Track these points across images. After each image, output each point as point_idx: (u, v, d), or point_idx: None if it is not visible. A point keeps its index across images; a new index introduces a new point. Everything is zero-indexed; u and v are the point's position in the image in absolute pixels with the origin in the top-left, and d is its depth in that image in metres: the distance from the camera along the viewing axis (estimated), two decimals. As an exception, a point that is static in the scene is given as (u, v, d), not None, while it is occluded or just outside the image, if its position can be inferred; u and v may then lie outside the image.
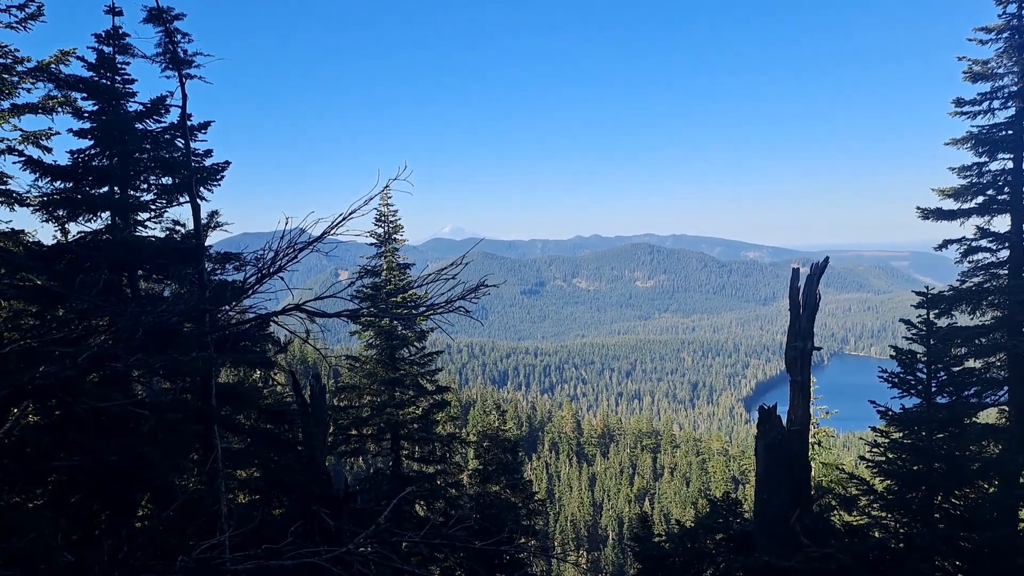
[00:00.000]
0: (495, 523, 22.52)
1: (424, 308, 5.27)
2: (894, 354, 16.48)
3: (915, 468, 15.45)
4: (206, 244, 13.27)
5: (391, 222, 24.17)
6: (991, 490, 16.31)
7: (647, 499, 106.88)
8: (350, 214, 4.76)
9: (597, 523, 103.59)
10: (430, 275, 5.21)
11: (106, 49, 13.65)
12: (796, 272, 15.09)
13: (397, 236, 24.31)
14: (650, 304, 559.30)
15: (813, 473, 21.56)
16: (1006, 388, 17.31)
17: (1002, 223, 17.58)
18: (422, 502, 23.43)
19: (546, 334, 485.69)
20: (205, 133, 13.86)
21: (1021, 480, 16.59)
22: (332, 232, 4.81)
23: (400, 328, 23.83)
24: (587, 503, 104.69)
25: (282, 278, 5.03)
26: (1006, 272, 17.49)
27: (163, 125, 14.02)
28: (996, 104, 17.40)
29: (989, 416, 18.33)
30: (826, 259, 14.87)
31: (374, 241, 24.09)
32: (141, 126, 13.86)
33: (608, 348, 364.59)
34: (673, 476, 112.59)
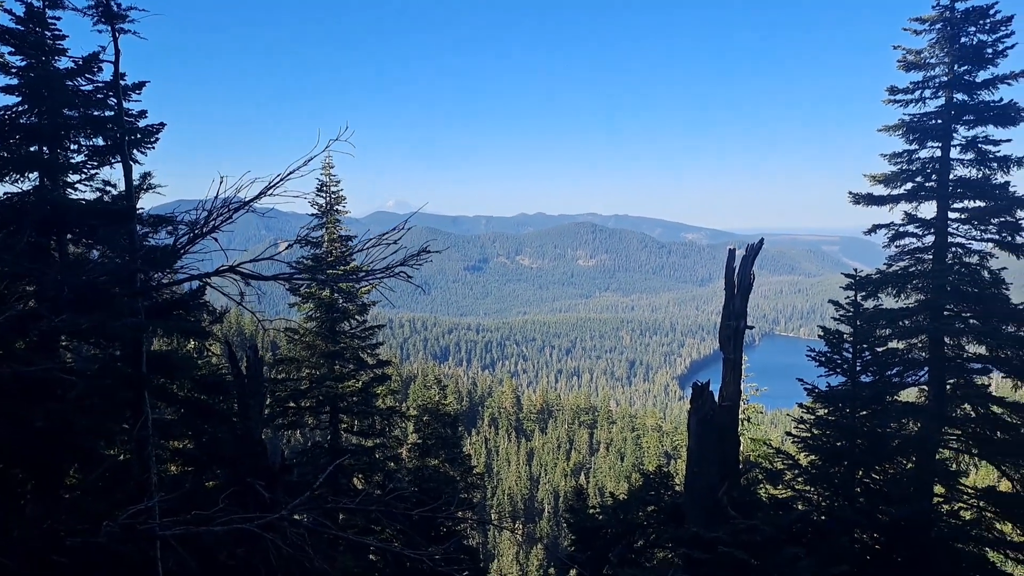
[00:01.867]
0: (433, 496, 22.62)
1: (364, 273, 5.20)
2: (822, 334, 17.03)
3: (838, 444, 16.04)
4: (138, 207, 12.85)
5: (333, 193, 23.79)
6: (909, 466, 17.06)
7: (583, 473, 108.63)
8: (288, 175, 4.65)
9: (534, 496, 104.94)
10: (371, 239, 5.14)
11: (35, 2, 13.00)
12: (732, 253, 15.40)
13: (339, 207, 23.95)
14: (591, 283, 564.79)
15: (742, 448, 22.23)
16: (926, 368, 18.03)
17: (929, 209, 18.23)
18: (360, 475, 23.36)
19: (488, 311, 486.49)
20: (139, 93, 13.37)
21: (937, 456, 17.38)
22: (269, 192, 4.70)
23: (341, 301, 23.57)
24: (524, 477, 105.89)
25: (216, 239, 4.89)
26: (931, 257, 18.17)
27: (96, 84, 13.44)
28: (927, 93, 17.96)
29: (910, 395, 19.11)
30: (761, 240, 15.21)
31: (315, 211, 23.69)
32: (72, 84, 13.27)
33: (549, 326, 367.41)
34: (609, 451, 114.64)
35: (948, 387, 17.77)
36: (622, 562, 15.71)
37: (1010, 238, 17.46)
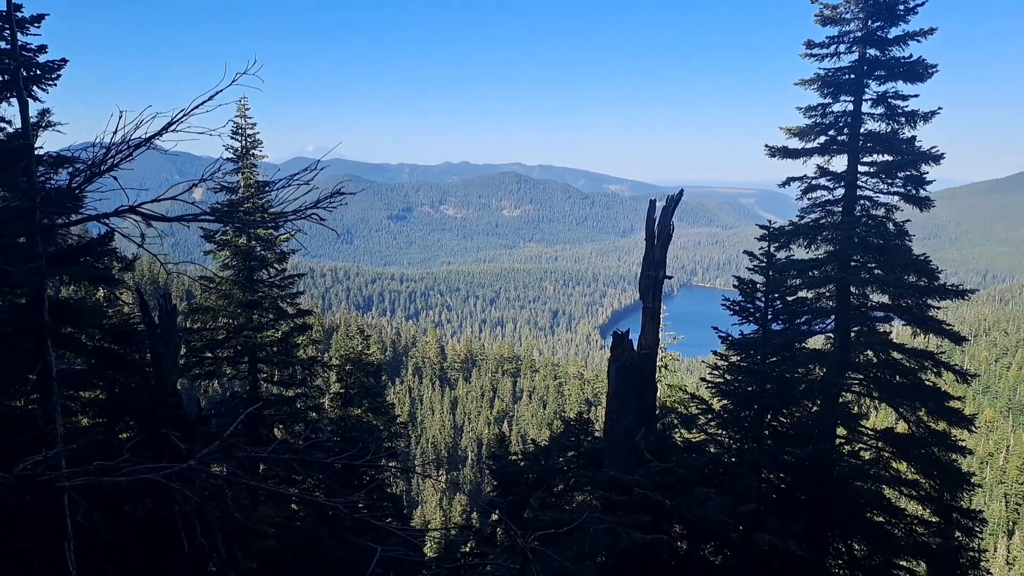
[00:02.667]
0: (356, 445, 22.55)
1: (275, 214, 4.99)
2: (737, 284, 17.53)
3: (749, 389, 16.66)
4: (38, 146, 12.07)
5: (249, 136, 22.88)
6: (814, 409, 17.88)
7: (506, 421, 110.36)
8: (192, 110, 4.38)
9: (457, 444, 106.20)
10: (282, 180, 4.93)
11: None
12: (653, 204, 15.60)
13: (256, 151, 23.08)
14: (516, 233, 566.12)
15: (659, 394, 22.89)
16: (833, 317, 18.81)
17: (840, 163, 18.81)
18: (281, 426, 23.05)
19: (413, 260, 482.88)
20: (39, 27, 12.44)
21: (840, 400, 18.28)
22: (172, 128, 4.43)
23: (259, 249, 22.90)
24: (448, 425, 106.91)
25: (115, 178, 4.60)
26: (840, 209, 18.83)
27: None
28: (842, 48, 18.37)
29: (817, 342, 19.95)
30: (680, 192, 15.45)
31: (231, 156, 22.79)
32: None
33: (474, 276, 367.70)
34: (532, 399, 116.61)
35: (852, 334, 18.61)
36: (542, 506, 16.07)
37: (914, 191, 18.22)
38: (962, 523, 17.26)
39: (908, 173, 18.02)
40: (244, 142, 22.77)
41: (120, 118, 4.30)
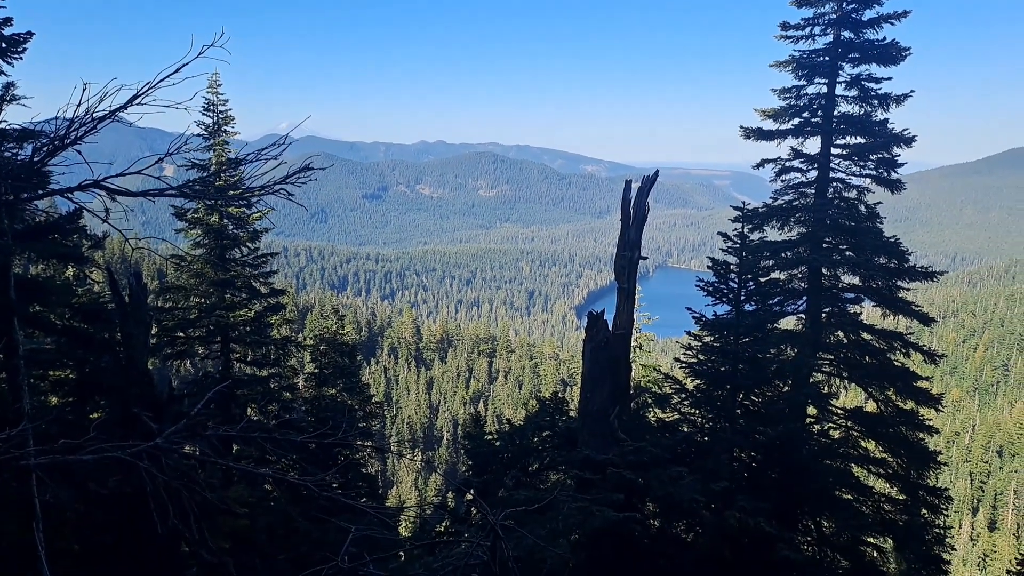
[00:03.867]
0: (330, 425, 22.50)
1: (243, 189, 4.92)
2: (711, 265, 17.65)
3: (722, 369, 16.82)
4: (2, 119, 11.78)
5: (221, 112, 22.54)
6: (785, 389, 18.12)
7: (482, 401, 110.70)
8: (159, 82, 4.28)
9: (433, 424, 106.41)
10: (251, 153, 4.85)
11: None
12: (628, 185, 15.60)
13: (227, 128, 22.75)
14: (492, 213, 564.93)
15: (633, 374, 23.07)
16: (804, 298, 19.05)
17: (814, 145, 18.96)
18: (254, 406, 22.92)
19: (388, 240, 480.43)
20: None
21: (811, 380, 18.54)
22: (138, 101, 4.32)
23: (231, 227, 22.65)
24: (424, 405, 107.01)
25: (79, 151, 4.50)
26: (813, 191, 19.01)
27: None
28: (817, 30, 18.45)
29: (789, 323, 20.17)
30: (656, 173, 15.46)
31: (202, 132, 22.44)
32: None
33: (450, 256, 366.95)
34: (507, 379, 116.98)
35: (824, 315, 18.85)
36: (517, 485, 16.17)
37: (886, 174, 18.43)
38: (928, 501, 17.64)
39: (880, 155, 18.20)
40: (215, 118, 22.44)
41: (84, 91, 4.20)
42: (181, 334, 22.22)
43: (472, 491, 16.04)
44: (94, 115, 4.34)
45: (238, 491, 14.63)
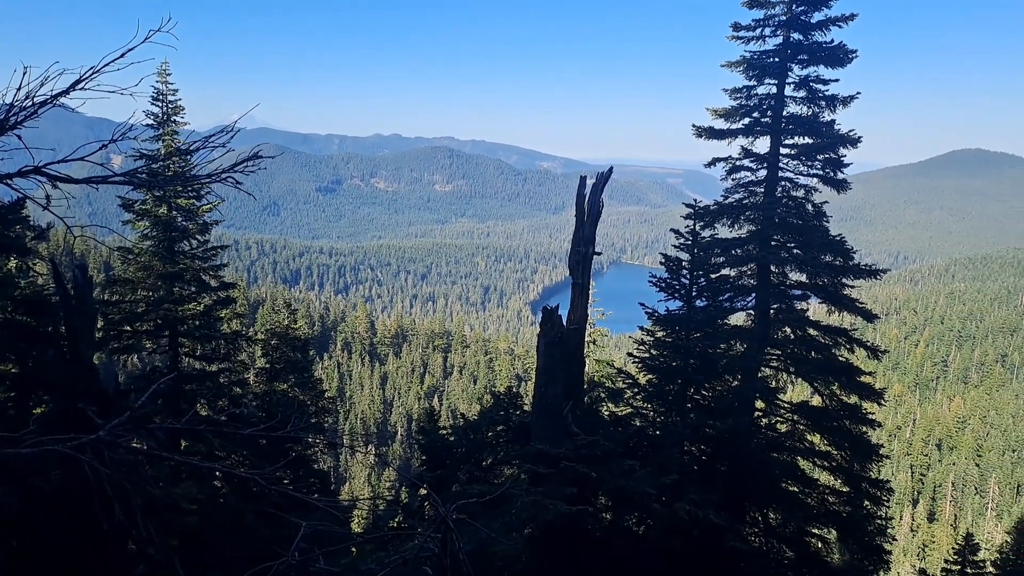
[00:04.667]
0: (282, 421, 22.22)
1: (189, 177, 4.85)
2: (663, 261, 17.89)
3: (674, 364, 17.07)
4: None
5: (170, 102, 22.01)
6: (735, 383, 18.47)
7: (437, 396, 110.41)
8: (103, 67, 4.18)
9: (387, 420, 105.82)
10: (198, 141, 4.78)
11: None
12: (583, 181, 15.72)
13: (177, 118, 22.23)
14: (448, 208, 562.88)
15: (587, 369, 23.27)
16: (754, 294, 19.42)
17: (763, 144, 19.31)
18: (203, 401, 22.51)
19: (342, 234, 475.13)
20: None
21: (760, 375, 18.92)
22: (81, 86, 4.22)
23: (180, 219, 22.16)
24: (378, 401, 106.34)
25: (19, 136, 4.37)
26: (762, 190, 19.37)
27: None
28: (767, 32, 18.77)
29: (738, 319, 20.56)
30: (610, 169, 15.62)
31: (151, 123, 21.90)
32: None
33: (405, 250, 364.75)
34: (462, 374, 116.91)
35: (772, 312, 19.25)
36: (470, 479, 16.20)
37: (833, 174, 18.87)
38: (870, 492, 18.16)
39: (827, 156, 18.63)
40: (165, 108, 21.91)
41: (25, 74, 4.09)
42: (128, 328, 21.70)
43: (425, 486, 16.04)
44: (35, 100, 4.23)
45: (187, 488, 14.36)
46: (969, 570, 24.26)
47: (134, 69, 4.71)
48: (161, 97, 21.82)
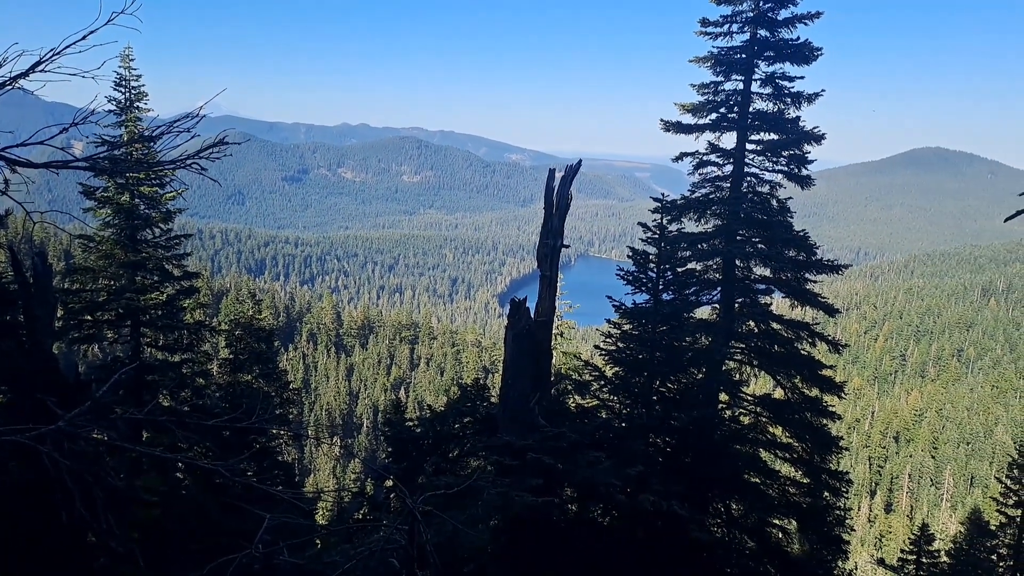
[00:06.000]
0: (246, 412, 21.98)
1: (152, 163, 4.78)
2: (631, 255, 18.02)
3: (640, 356, 17.23)
4: None
5: (133, 88, 21.59)
6: (699, 376, 18.69)
7: (403, 388, 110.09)
8: (63, 49, 4.08)
9: (353, 411, 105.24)
10: (160, 127, 4.70)
11: None
12: (551, 174, 15.73)
13: (141, 104, 21.82)
14: (416, 199, 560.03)
15: (554, 361, 23.36)
16: (719, 288, 19.64)
17: (730, 140, 19.51)
18: (166, 392, 22.20)
19: (308, 224, 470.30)
20: None
21: (724, 368, 19.16)
22: (40, 68, 4.12)
23: (143, 207, 21.79)
24: (344, 392, 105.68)
25: (-25, 124, 4.25)
26: (728, 185, 19.58)
27: None
28: (735, 28, 18.93)
29: (704, 312, 20.77)
30: (579, 162, 15.64)
31: (114, 108, 21.46)
32: None
33: (372, 241, 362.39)
34: (429, 366, 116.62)
35: (736, 305, 19.49)
36: (437, 471, 16.19)
37: (797, 170, 19.13)
38: (830, 484, 18.51)
39: (792, 152, 18.88)
40: (128, 94, 21.49)
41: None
42: (88, 317, 21.31)
43: (392, 477, 16.00)
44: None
45: (149, 479, 14.17)
46: (924, 560, 24.88)
47: (96, 52, 4.61)
48: (124, 83, 21.41)
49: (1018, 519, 24.30)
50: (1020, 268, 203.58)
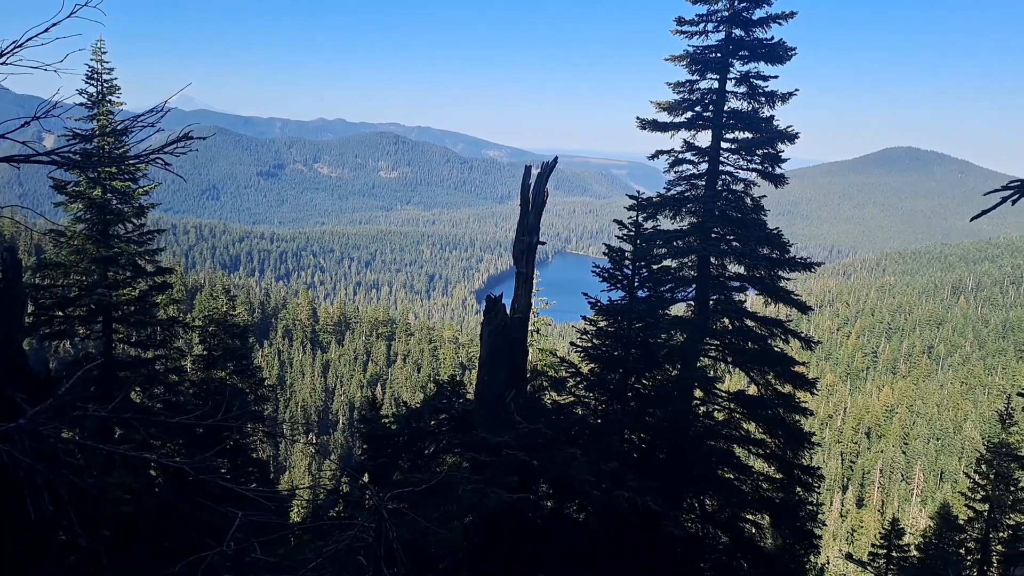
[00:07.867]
0: (215, 409, 21.78)
1: (116, 157, 4.72)
2: (607, 252, 18.09)
3: (615, 353, 17.30)
4: None
5: (105, 81, 21.27)
6: (674, 373, 18.83)
7: (380, 384, 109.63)
8: (26, 41, 4.03)
9: (328, 408, 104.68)
10: (126, 120, 4.65)
11: None
12: (528, 170, 15.75)
13: (113, 98, 21.51)
14: (393, 195, 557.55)
15: (530, 358, 23.42)
16: (694, 286, 19.79)
17: (705, 138, 19.65)
18: (138, 388, 21.95)
19: (284, 219, 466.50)
20: None
21: (698, 364, 19.32)
22: (3, 60, 4.05)
23: (115, 202, 21.52)
24: (319, 389, 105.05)
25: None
26: (704, 183, 19.73)
27: None
28: (710, 27, 19.06)
29: (679, 309, 20.92)
30: (555, 159, 15.67)
31: (85, 102, 21.13)
32: None
33: (349, 237, 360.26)
34: (406, 363, 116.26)
35: (711, 303, 19.66)
36: (412, 468, 16.18)
37: (771, 168, 19.32)
38: (802, 479, 18.75)
39: (766, 151, 19.06)
40: (100, 87, 21.17)
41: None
42: (60, 313, 21.00)
43: (366, 474, 15.95)
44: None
45: (120, 477, 14.01)
46: (895, 554, 25.25)
47: (60, 44, 4.54)
48: (96, 75, 21.10)
49: (986, 514, 24.78)
50: (989, 266, 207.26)
